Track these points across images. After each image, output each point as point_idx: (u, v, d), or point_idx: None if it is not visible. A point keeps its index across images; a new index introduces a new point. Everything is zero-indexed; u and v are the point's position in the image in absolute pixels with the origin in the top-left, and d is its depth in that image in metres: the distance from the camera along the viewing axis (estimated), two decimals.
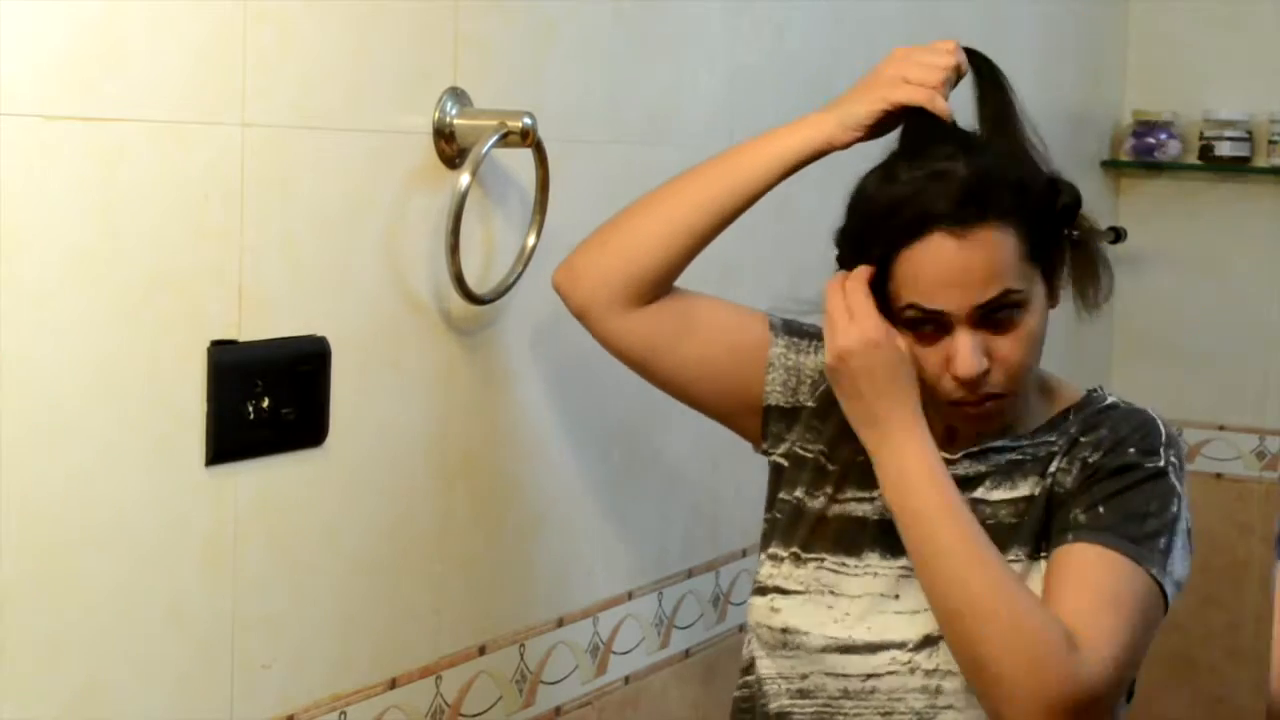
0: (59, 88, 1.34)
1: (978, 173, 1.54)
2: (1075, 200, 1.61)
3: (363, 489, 1.69)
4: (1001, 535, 1.57)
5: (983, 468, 1.62)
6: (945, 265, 1.52)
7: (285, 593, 1.61)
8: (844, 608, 1.61)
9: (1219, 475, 3.74)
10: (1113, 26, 3.82)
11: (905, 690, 1.56)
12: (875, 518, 1.63)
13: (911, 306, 1.55)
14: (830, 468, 1.68)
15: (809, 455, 1.70)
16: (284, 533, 1.60)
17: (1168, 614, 1.55)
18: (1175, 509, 1.56)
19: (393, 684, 1.75)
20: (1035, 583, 1.55)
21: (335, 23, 1.60)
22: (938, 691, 1.55)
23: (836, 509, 1.66)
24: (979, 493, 1.61)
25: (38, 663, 1.37)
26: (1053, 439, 1.62)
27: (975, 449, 1.63)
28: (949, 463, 1.62)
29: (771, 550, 1.68)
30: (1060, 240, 1.61)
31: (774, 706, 1.64)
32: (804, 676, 1.62)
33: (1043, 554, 1.57)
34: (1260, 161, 3.66)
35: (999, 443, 1.62)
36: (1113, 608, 1.49)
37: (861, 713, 1.58)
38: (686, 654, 2.30)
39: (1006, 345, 1.55)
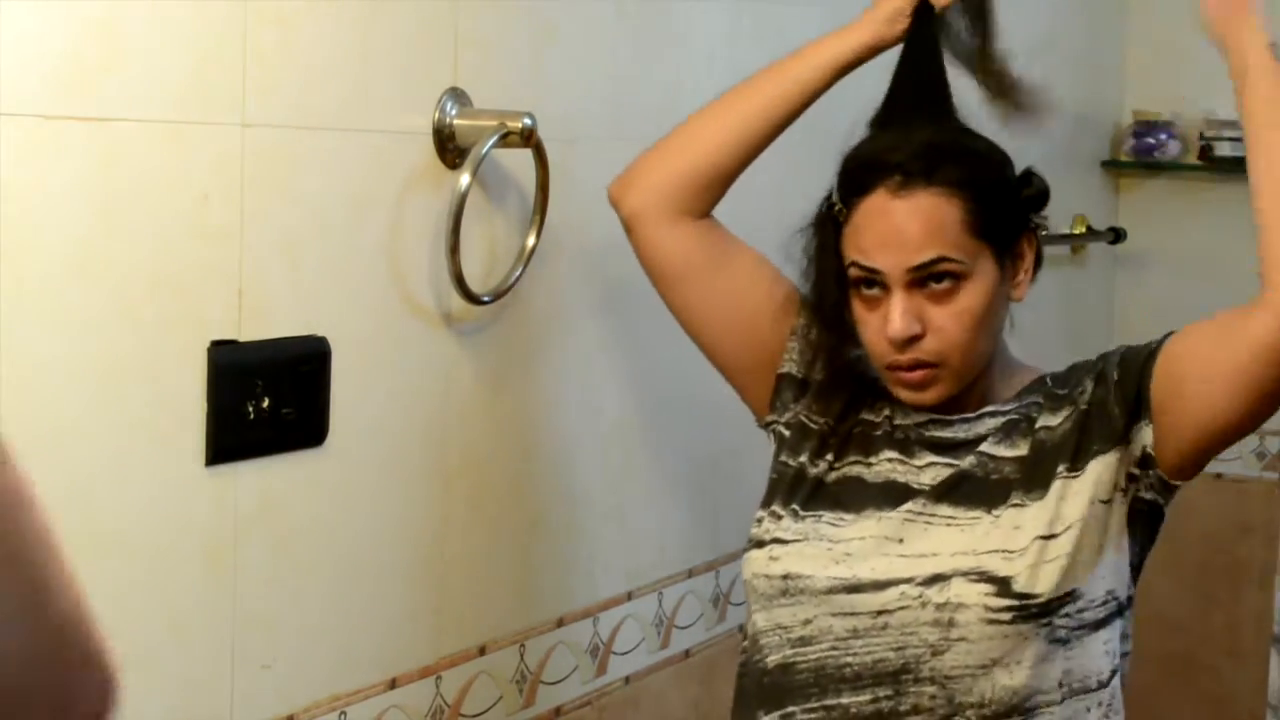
0: (59, 88, 1.34)
1: (936, 140, 1.61)
2: (1041, 192, 1.66)
3: (363, 489, 1.69)
4: (1003, 489, 1.61)
5: (982, 430, 1.65)
6: (883, 223, 1.58)
7: (285, 593, 1.61)
8: (844, 549, 1.62)
9: (1219, 475, 3.73)
10: (1113, 26, 3.82)
11: (918, 624, 1.57)
12: (879, 480, 1.66)
13: (854, 264, 1.60)
14: (832, 439, 1.70)
15: (814, 425, 1.71)
16: (284, 533, 1.60)
17: None
18: None
19: (393, 684, 1.75)
20: (1045, 510, 1.58)
21: (335, 23, 1.60)
22: (950, 624, 1.56)
23: (836, 474, 1.68)
24: (984, 447, 1.64)
25: None
26: (1038, 400, 1.66)
27: (971, 414, 1.66)
28: (945, 424, 1.66)
29: (771, 508, 1.69)
30: (1023, 229, 1.65)
31: (774, 660, 1.63)
32: (807, 622, 1.61)
33: (1035, 494, 1.59)
34: None
35: (990, 408, 1.66)
36: None
37: (873, 650, 1.58)
38: (686, 654, 2.30)
39: (942, 316, 1.58)
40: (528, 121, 1.74)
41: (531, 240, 1.83)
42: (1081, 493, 1.59)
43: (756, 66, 2.31)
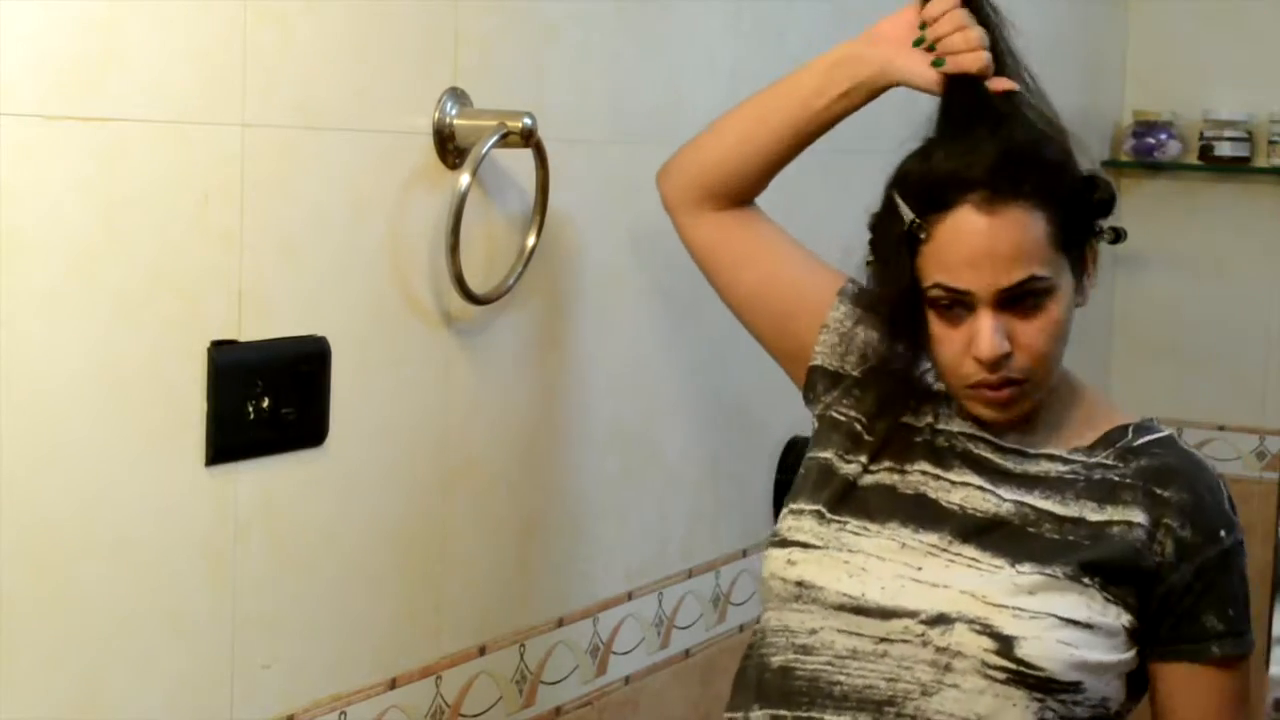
0: (59, 88, 1.34)
1: (1013, 149, 1.55)
2: (1111, 195, 1.62)
3: (363, 489, 1.69)
4: (1035, 546, 1.57)
5: (1034, 470, 1.61)
6: (972, 242, 1.53)
7: (285, 593, 1.61)
8: (859, 563, 1.60)
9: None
10: (1113, 26, 3.82)
11: (915, 660, 1.55)
12: (910, 492, 1.63)
13: (937, 286, 1.56)
14: (867, 437, 1.67)
15: (843, 419, 1.70)
16: (284, 533, 1.60)
17: None
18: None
19: (393, 684, 1.75)
20: (1069, 600, 1.54)
21: (335, 23, 1.60)
22: (947, 669, 1.54)
23: (869, 479, 1.65)
24: (1025, 498, 1.60)
25: (38, 663, 1.37)
26: (1110, 462, 1.61)
27: (1031, 451, 1.62)
28: (996, 448, 1.63)
29: (795, 505, 1.67)
30: (1091, 237, 1.62)
31: (777, 661, 1.63)
32: (812, 632, 1.60)
33: (1096, 584, 1.56)
34: (1260, 161, 3.66)
35: (1050, 450, 1.62)
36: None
37: (866, 675, 1.57)
38: (686, 654, 2.30)
39: (1030, 331, 1.55)
40: (528, 121, 1.74)
41: (531, 240, 1.83)
42: (1105, 613, 1.56)
43: (756, 66, 2.32)
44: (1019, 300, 1.54)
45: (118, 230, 1.40)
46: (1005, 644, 1.53)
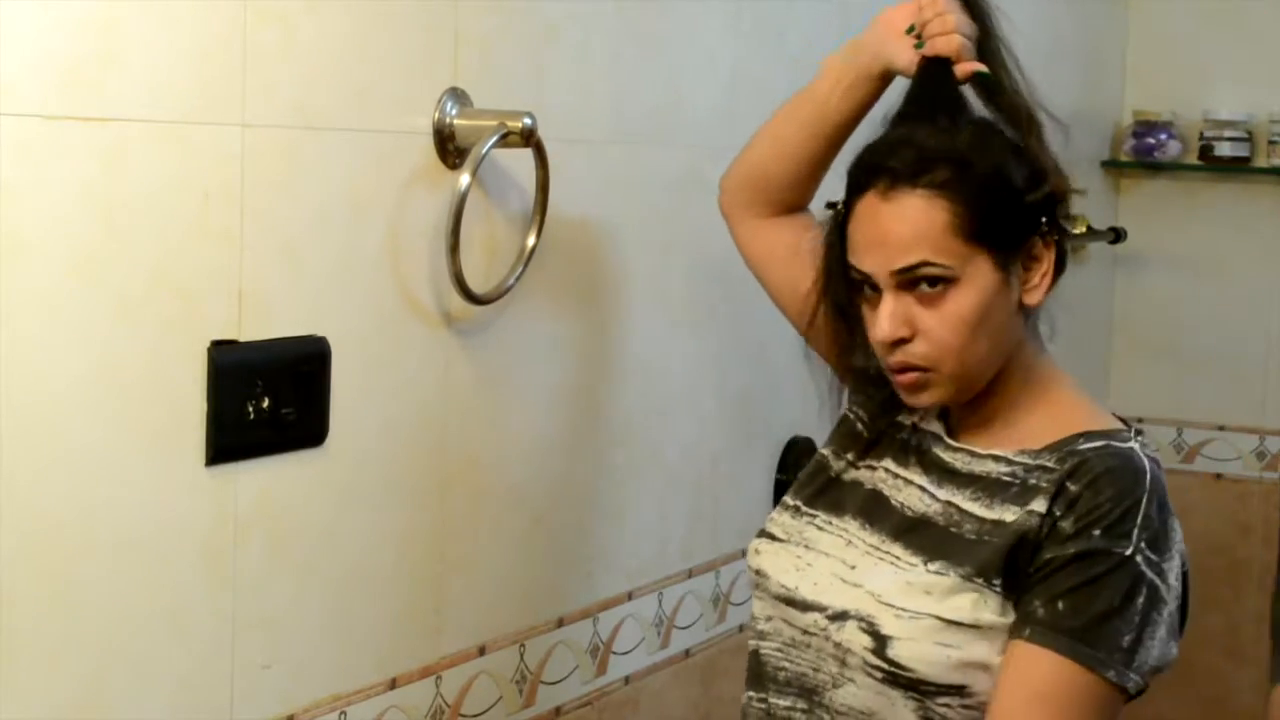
0: (59, 88, 1.34)
1: (933, 143, 1.57)
2: (1049, 196, 1.60)
3: (363, 489, 1.69)
4: (950, 545, 1.56)
5: (979, 470, 1.60)
6: (870, 225, 1.57)
7: (285, 593, 1.61)
8: (809, 559, 1.64)
9: (1219, 475, 3.73)
10: (1113, 26, 3.82)
11: (825, 654, 1.59)
12: (870, 488, 1.66)
13: (851, 266, 1.60)
14: (865, 435, 1.70)
15: (851, 416, 1.73)
16: (284, 533, 1.60)
17: (1143, 694, 1.53)
18: (1141, 599, 1.51)
19: (393, 684, 1.75)
20: (965, 601, 1.53)
21: (335, 23, 1.60)
22: (844, 664, 1.57)
23: (850, 475, 1.69)
24: (957, 498, 1.59)
25: (38, 663, 1.37)
26: (1050, 465, 1.56)
27: (981, 451, 1.61)
28: (948, 447, 1.63)
29: (785, 498, 1.72)
30: (1032, 232, 1.59)
31: (752, 644, 1.69)
32: (768, 619, 1.66)
33: (996, 587, 1.53)
34: (1260, 161, 3.66)
35: (998, 451, 1.60)
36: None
37: (799, 664, 1.62)
38: (686, 654, 2.30)
39: (931, 320, 1.56)
40: (528, 121, 1.74)
41: (531, 240, 1.83)
42: (1009, 614, 1.53)
43: (756, 67, 2.32)
44: (917, 285, 1.55)
45: (118, 230, 1.40)
46: (881, 643, 1.54)
